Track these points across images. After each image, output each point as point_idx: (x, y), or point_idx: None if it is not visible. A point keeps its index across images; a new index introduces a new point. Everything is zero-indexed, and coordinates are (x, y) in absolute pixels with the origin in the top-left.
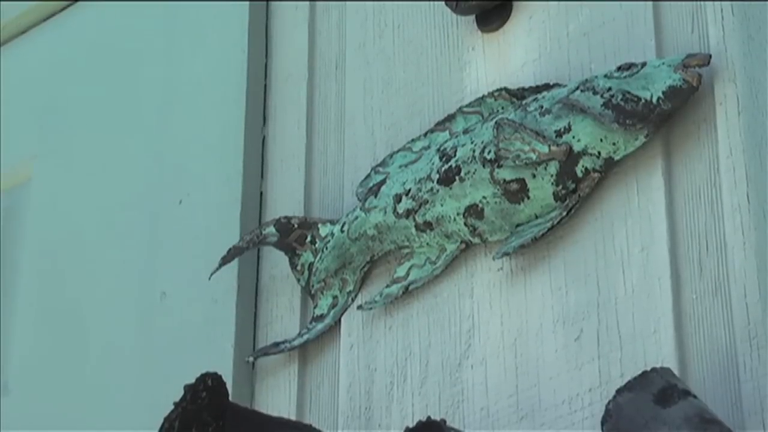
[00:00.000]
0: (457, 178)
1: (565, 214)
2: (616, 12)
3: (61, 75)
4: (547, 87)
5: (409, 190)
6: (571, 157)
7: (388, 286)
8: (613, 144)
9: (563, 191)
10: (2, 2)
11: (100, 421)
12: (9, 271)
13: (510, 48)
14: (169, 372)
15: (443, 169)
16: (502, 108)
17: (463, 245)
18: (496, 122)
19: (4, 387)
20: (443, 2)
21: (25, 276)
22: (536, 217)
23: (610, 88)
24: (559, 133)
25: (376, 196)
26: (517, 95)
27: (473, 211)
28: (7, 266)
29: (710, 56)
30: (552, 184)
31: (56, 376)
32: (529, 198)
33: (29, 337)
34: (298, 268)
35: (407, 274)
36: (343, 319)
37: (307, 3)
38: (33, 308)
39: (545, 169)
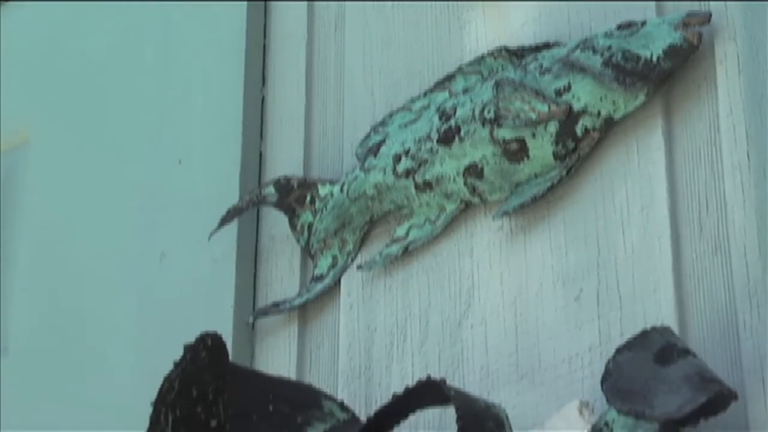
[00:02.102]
0: (456, 137)
1: (564, 173)
2: None
3: (60, 36)
4: (546, 46)
5: (409, 149)
6: (570, 117)
7: (387, 246)
8: (613, 103)
9: (563, 151)
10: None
11: (99, 382)
12: (8, 232)
13: (510, 7)
14: (169, 332)
15: (443, 128)
16: (502, 67)
17: (463, 205)
18: (495, 82)
19: (3, 349)
20: None
21: (25, 237)
22: (536, 177)
23: (610, 47)
24: (558, 93)
25: (375, 156)
26: (517, 54)
27: (473, 171)
28: (6, 228)
29: (710, 15)
30: (552, 143)
31: (55, 337)
32: (528, 157)
33: (29, 299)
34: (298, 228)
35: (407, 234)
36: (342, 280)
37: None
38: (32, 270)
39: (545, 128)
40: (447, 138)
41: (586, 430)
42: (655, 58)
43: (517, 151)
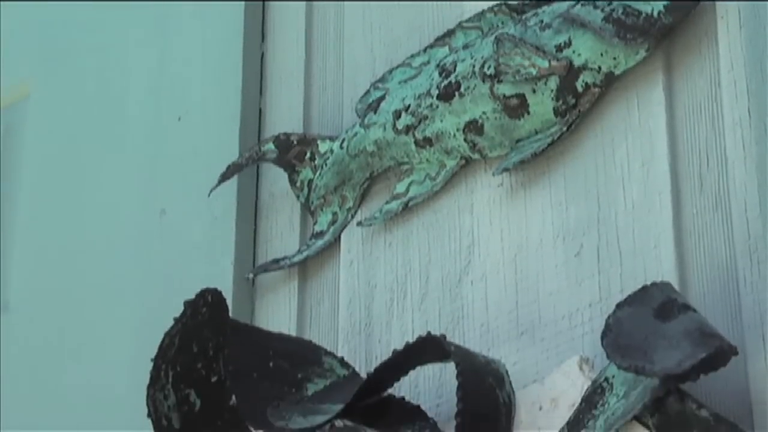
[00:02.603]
0: (456, 93)
1: (565, 129)
2: None
3: None
4: (547, 1)
5: (409, 105)
6: (571, 72)
7: (387, 203)
8: (614, 59)
9: (563, 106)
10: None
11: (100, 337)
12: (9, 187)
13: None
14: (169, 289)
15: (443, 84)
16: (502, 23)
17: (463, 161)
18: (495, 37)
19: (3, 305)
20: None
21: (24, 194)
22: (536, 133)
23: (610, 2)
24: (559, 48)
25: (375, 112)
26: (518, 10)
27: (473, 127)
28: (6, 183)
29: None
30: (552, 99)
31: (56, 293)
32: (529, 113)
33: (29, 255)
34: (298, 184)
35: (407, 190)
36: (342, 236)
37: None
38: (32, 226)
39: (545, 84)
40: (447, 94)
41: (586, 385)
42: (656, 13)
43: (517, 107)
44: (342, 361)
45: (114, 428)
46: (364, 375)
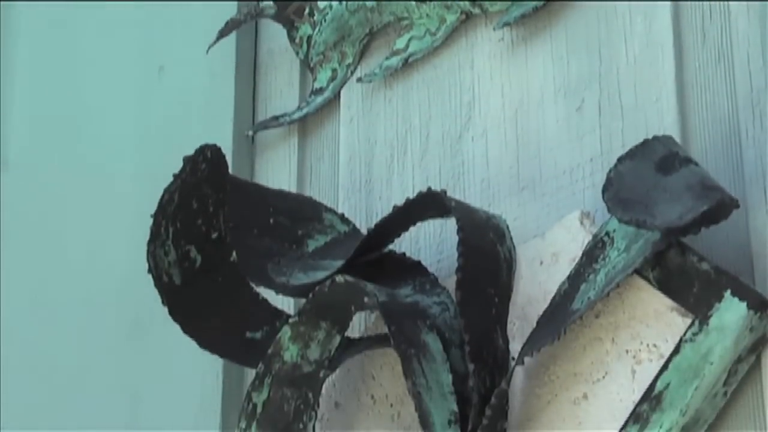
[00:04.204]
0: None
1: None
2: None
3: None
4: None
5: None
6: None
7: (387, 59)
8: None
9: None
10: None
11: (99, 195)
12: (8, 42)
13: None
14: (168, 146)
15: None
16: None
17: (464, 16)
18: None
19: (3, 163)
20: None
21: (24, 48)
22: None
23: None
24: None
25: None
26: None
27: None
28: (5, 38)
29: None
30: None
31: (55, 151)
32: None
33: (27, 112)
34: (297, 41)
35: (407, 46)
36: (342, 92)
37: None
38: (31, 82)
39: None
40: None
41: (587, 240)
42: None
43: None
44: (342, 218)
45: (114, 283)
46: (364, 231)
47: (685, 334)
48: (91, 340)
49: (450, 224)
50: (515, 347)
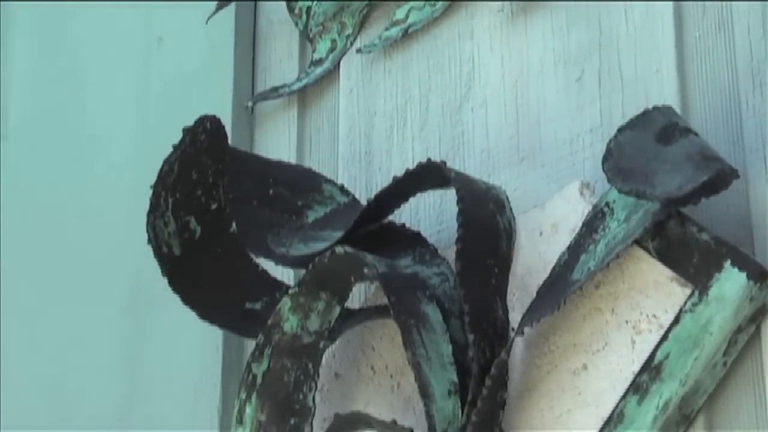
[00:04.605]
0: None
1: None
2: None
3: None
4: None
5: None
6: None
7: (387, 29)
8: None
9: None
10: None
11: (99, 168)
12: (7, 16)
13: None
14: (168, 118)
15: None
16: None
17: None
18: None
19: (3, 134)
20: None
21: (23, 22)
22: None
23: None
24: None
25: None
26: None
27: None
28: (6, 16)
29: None
30: None
31: (55, 123)
32: None
33: (27, 83)
34: (296, 11)
35: (406, 16)
36: (342, 63)
37: None
38: (31, 53)
39: None
40: None
41: (586, 210)
42: None
43: None
44: (342, 189)
45: (113, 254)
46: (364, 202)
47: (684, 304)
48: (91, 312)
49: (450, 195)
50: (515, 318)
